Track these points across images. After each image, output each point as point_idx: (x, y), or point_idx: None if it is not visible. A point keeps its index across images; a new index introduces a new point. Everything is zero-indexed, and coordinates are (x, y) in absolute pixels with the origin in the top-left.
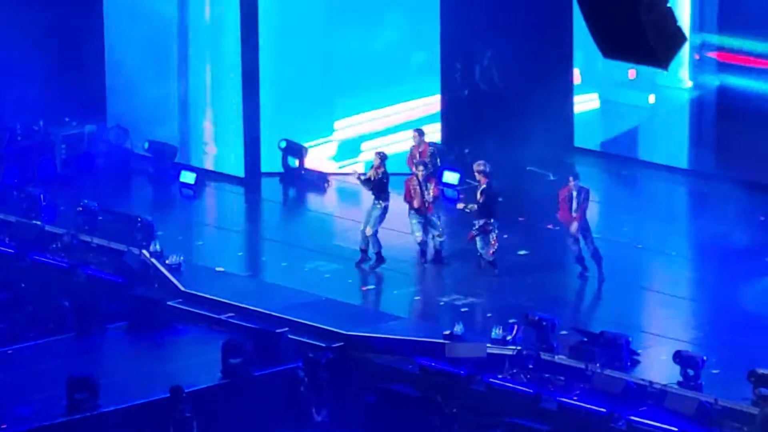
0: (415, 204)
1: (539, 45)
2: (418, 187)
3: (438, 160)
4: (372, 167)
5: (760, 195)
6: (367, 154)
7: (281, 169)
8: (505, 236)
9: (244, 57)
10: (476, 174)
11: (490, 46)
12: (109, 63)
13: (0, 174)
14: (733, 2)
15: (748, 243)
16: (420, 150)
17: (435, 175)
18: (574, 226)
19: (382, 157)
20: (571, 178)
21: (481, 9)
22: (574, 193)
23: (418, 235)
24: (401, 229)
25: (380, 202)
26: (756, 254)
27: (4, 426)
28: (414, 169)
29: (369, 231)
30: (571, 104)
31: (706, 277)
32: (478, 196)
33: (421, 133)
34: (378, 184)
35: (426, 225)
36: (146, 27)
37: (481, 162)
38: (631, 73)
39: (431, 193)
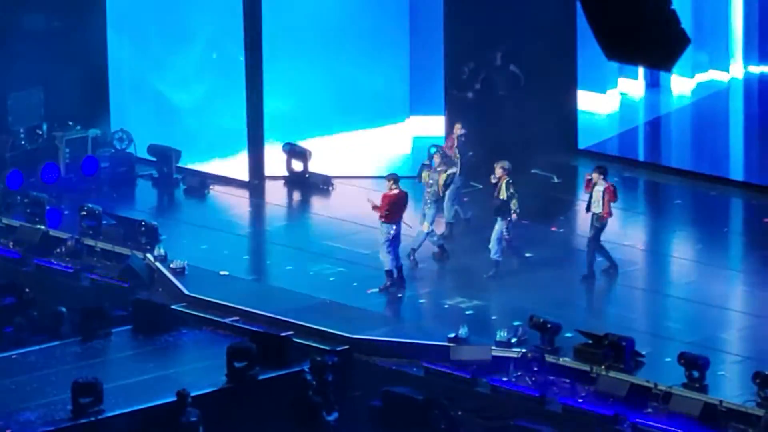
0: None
1: (542, 47)
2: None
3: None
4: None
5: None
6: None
7: (285, 173)
8: (509, 237)
9: (248, 59)
10: (498, 170)
11: (496, 48)
12: (112, 66)
13: (4, 179)
14: None
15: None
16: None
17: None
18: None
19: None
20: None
21: (484, 12)
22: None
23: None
24: (409, 233)
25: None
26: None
27: (9, 431)
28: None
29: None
30: (574, 106)
31: (710, 279)
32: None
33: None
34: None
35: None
36: (149, 30)
37: (504, 162)
38: None
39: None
